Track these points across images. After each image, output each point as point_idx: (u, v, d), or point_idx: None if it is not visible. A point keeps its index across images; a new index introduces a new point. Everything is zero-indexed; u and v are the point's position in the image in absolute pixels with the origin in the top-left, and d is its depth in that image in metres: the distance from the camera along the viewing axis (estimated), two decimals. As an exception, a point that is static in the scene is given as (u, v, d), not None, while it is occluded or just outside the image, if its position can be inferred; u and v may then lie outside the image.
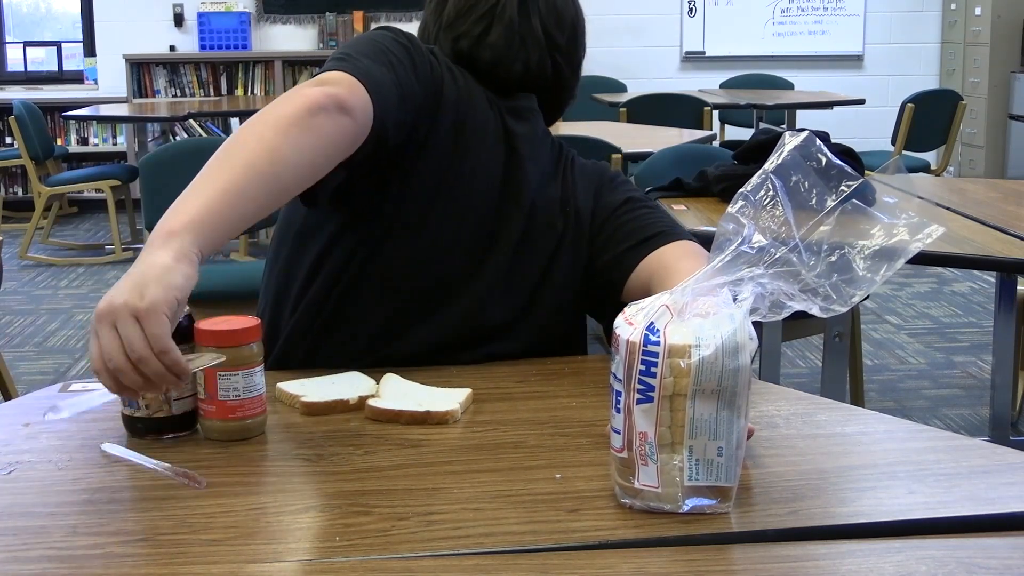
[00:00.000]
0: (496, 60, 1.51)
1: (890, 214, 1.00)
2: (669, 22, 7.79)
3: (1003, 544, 0.94)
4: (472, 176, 1.44)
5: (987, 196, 2.97)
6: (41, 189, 6.02)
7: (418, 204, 1.41)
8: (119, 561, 0.91)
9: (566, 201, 1.50)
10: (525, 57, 1.52)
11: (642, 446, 0.96)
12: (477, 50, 1.51)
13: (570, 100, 1.63)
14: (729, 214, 1.00)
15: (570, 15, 1.57)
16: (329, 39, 7.52)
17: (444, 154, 1.42)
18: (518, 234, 1.46)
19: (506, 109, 1.49)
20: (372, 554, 0.91)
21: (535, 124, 1.53)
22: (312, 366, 1.40)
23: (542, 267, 1.47)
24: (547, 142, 1.54)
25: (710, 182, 2.82)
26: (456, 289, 1.43)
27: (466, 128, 1.44)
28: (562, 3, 1.56)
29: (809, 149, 1.01)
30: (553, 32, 1.54)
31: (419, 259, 1.42)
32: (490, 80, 1.50)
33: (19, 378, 3.76)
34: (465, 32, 1.52)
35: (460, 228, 1.43)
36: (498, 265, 1.44)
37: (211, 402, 1.16)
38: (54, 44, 7.92)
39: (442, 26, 1.54)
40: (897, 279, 5.32)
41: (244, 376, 1.16)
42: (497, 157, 1.46)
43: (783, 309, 0.97)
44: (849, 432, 1.20)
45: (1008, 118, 7.31)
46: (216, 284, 3.38)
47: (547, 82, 1.55)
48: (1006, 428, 3.20)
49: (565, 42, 1.55)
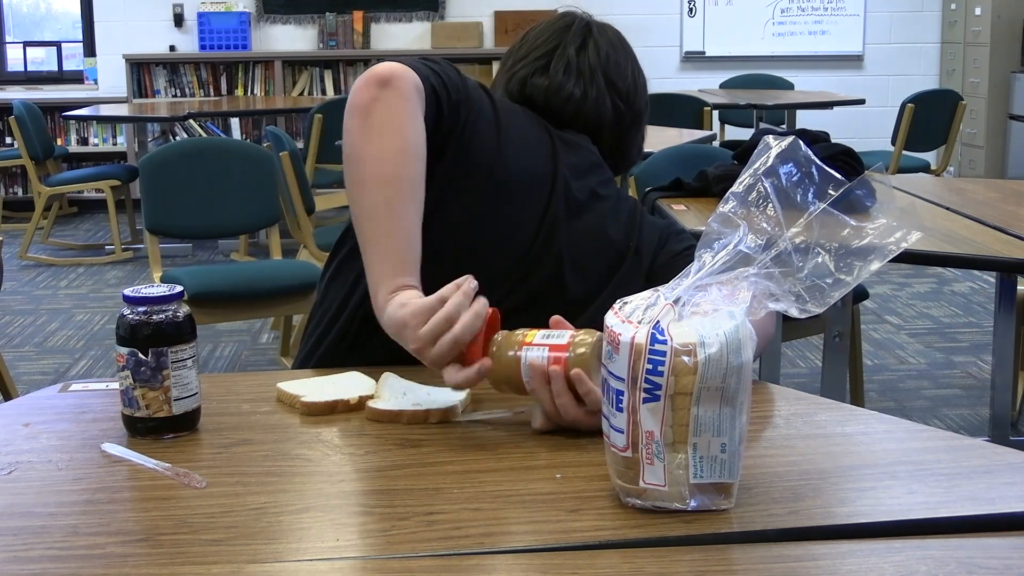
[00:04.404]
0: (552, 88, 1.57)
1: (874, 216, 1.01)
2: (669, 22, 7.79)
3: (1003, 544, 0.94)
4: (518, 185, 1.46)
5: (987, 196, 2.97)
6: (41, 189, 6.02)
7: (460, 212, 1.44)
8: (119, 561, 0.91)
9: (629, 238, 1.52)
10: (582, 89, 1.57)
11: (649, 445, 0.96)
12: (534, 82, 1.58)
13: (635, 151, 1.67)
14: (720, 213, 1.01)
15: (624, 53, 1.64)
16: (329, 39, 7.52)
17: (487, 151, 1.45)
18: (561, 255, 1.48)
19: (558, 137, 1.53)
20: (372, 554, 0.91)
21: (584, 156, 1.55)
22: (355, 362, 1.41)
23: (590, 291, 1.48)
24: (607, 183, 1.57)
25: (710, 182, 2.82)
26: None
27: (510, 131, 1.47)
28: (616, 42, 1.64)
29: (796, 153, 1.01)
30: (611, 73, 1.60)
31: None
32: (547, 112, 1.56)
33: (19, 378, 3.76)
34: (523, 70, 1.60)
35: (503, 241, 1.46)
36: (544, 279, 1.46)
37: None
38: (54, 44, 7.92)
39: (506, 71, 1.63)
40: (897, 279, 5.32)
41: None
42: (544, 178, 1.48)
43: (761, 310, 0.98)
44: (849, 432, 1.20)
45: (1008, 118, 7.31)
46: (216, 284, 3.38)
47: (606, 122, 1.59)
48: (1006, 428, 3.20)
49: (625, 86, 1.61)
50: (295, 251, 4.51)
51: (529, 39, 1.63)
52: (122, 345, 1.16)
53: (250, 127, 7.48)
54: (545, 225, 1.46)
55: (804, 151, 1.02)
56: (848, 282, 0.98)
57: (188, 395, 1.18)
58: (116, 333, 1.17)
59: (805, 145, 1.02)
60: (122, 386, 1.17)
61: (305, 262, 3.83)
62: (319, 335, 1.51)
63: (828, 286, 0.98)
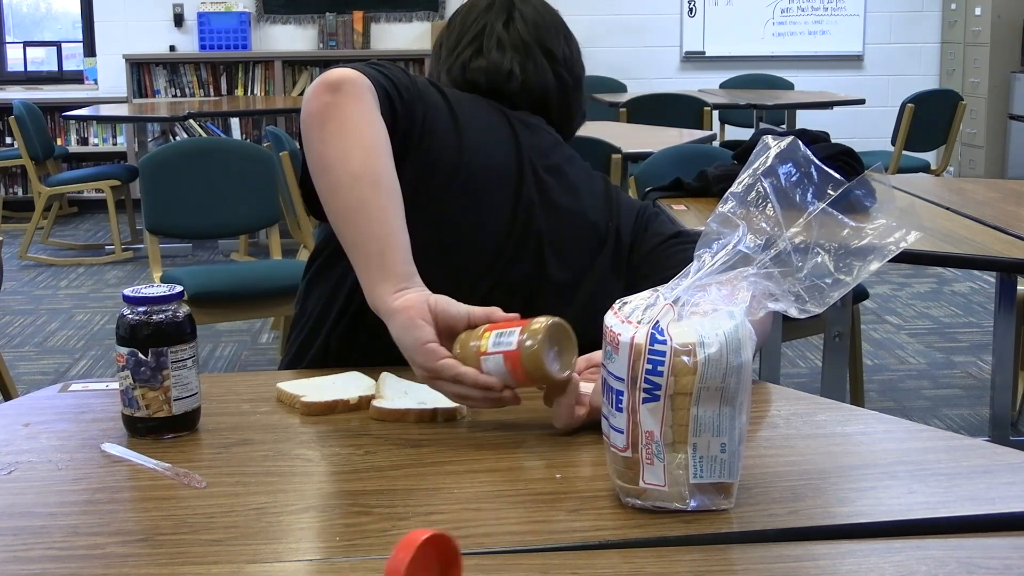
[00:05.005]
0: (491, 68, 1.55)
1: (873, 216, 1.01)
2: (669, 22, 7.79)
3: (1003, 544, 0.94)
4: (482, 169, 1.46)
5: (987, 196, 2.98)
6: (41, 189, 6.02)
7: (433, 198, 1.43)
8: (119, 561, 0.91)
9: (608, 218, 1.51)
10: (520, 63, 1.55)
11: (648, 445, 0.96)
12: (473, 67, 1.56)
13: (580, 116, 1.66)
14: (720, 213, 1.01)
15: (551, 19, 1.61)
16: (329, 39, 7.52)
17: (448, 147, 1.44)
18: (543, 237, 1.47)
19: (515, 119, 1.52)
20: (372, 554, 0.91)
21: (543, 136, 1.55)
22: (350, 363, 1.40)
23: (574, 274, 1.48)
24: (568, 155, 1.56)
25: (710, 182, 2.82)
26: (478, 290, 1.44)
27: (468, 122, 1.46)
28: (542, 9, 1.61)
29: (795, 153, 1.01)
30: (545, 42, 1.58)
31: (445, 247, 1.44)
32: (494, 94, 1.55)
33: (19, 378, 3.76)
34: (459, 57, 1.58)
35: (477, 229, 1.45)
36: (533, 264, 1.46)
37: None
38: (54, 44, 7.92)
39: (441, 62, 1.61)
40: (897, 279, 5.32)
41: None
42: (507, 155, 1.48)
43: (761, 310, 0.98)
44: (849, 432, 1.20)
45: (1008, 118, 7.31)
46: (216, 284, 3.38)
47: (551, 92, 1.58)
48: (1006, 428, 3.20)
49: (561, 52, 1.59)
50: (295, 251, 4.51)
51: (455, 25, 1.62)
52: (122, 345, 1.16)
53: (250, 127, 7.48)
54: (520, 210, 1.46)
55: (803, 151, 1.02)
56: (847, 282, 0.98)
57: (188, 395, 1.18)
58: (116, 333, 1.17)
59: (804, 145, 1.02)
60: (122, 386, 1.17)
61: (305, 262, 3.83)
62: (300, 344, 1.51)
63: (827, 286, 0.98)
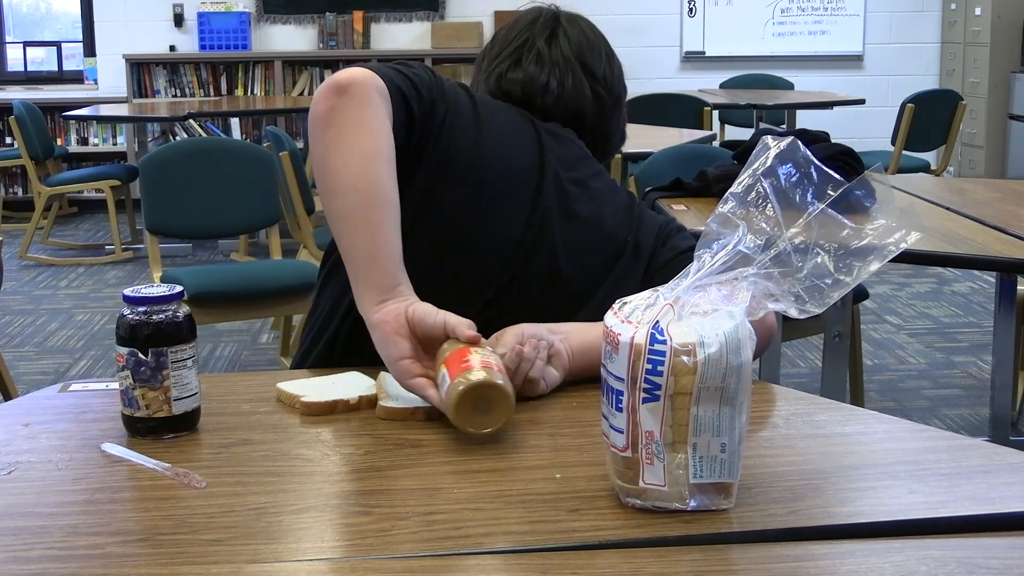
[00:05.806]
0: (526, 80, 1.57)
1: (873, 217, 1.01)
2: (669, 22, 7.79)
3: (1003, 544, 0.94)
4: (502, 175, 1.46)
5: (987, 196, 2.98)
6: (41, 189, 6.02)
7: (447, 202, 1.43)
8: (119, 561, 0.91)
9: (627, 231, 1.52)
10: (558, 78, 1.56)
11: (648, 445, 0.96)
12: (509, 77, 1.58)
13: (618, 136, 1.67)
14: (720, 213, 1.01)
15: (596, 39, 1.63)
16: (329, 39, 7.52)
17: (466, 148, 1.45)
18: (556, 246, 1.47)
19: (544, 129, 1.53)
20: (372, 554, 0.91)
21: (572, 148, 1.55)
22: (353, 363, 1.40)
23: (588, 284, 1.48)
24: (596, 170, 1.57)
25: (710, 182, 2.82)
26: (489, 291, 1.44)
27: (490, 124, 1.47)
28: (587, 29, 1.63)
29: (795, 154, 1.01)
30: (586, 60, 1.59)
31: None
32: (528, 106, 1.56)
33: (19, 378, 3.76)
34: (497, 68, 1.60)
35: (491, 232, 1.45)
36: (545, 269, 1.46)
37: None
38: (54, 44, 7.92)
39: (481, 72, 1.63)
40: (897, 279, 5.32)
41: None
42: (531, 172, 1.48)
43: (761, 310, 0.98)
44: (849, 432, 1.20)
45: (1008, 118, 7.31)
46: (216, 284, 3.38)
47: (587, 109, 1.59)
48: (1006, 428, 3.20)
49: (601, 71, 1.60)
50: (295, 251, 4.50)
51: (500, 38, 1.63)
52: (122, 345, 1.16)
53: (250, 127, 7.48)
54: (537, 215, 1.46)
55: (803, 151, 1.02)
56: (847, 282, 0.98)
57: (188, 395, 1.18)
58: (116, 333, 1.17)
59: (804, 145, 1.02)
60: (122, 386, 1.17)
61: (305, 262, 3.83)
62: (311, 341, 1.52)
63: (827, 286, 0.98)
